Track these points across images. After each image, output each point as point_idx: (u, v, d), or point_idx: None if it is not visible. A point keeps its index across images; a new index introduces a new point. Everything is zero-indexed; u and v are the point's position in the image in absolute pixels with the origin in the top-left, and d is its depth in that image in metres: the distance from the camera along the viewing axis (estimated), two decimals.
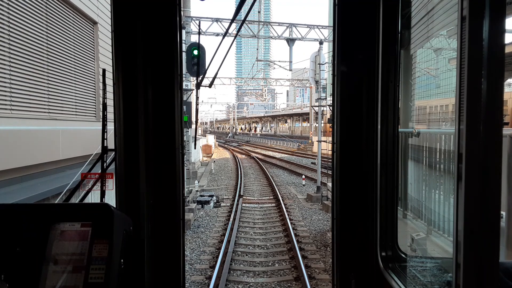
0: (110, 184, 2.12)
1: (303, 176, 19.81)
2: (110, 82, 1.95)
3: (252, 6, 2.53)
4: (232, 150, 43.49)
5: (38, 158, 6.83)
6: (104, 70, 2.33)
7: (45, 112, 7.25)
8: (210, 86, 3.76)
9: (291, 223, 10.99)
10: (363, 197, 2.01)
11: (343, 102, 2.00)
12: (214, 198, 14.24)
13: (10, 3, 6.03)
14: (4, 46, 5.90)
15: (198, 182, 17.92)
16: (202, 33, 18.44)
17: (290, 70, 23.61)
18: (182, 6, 2.22)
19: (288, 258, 8.42)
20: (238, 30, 3.71)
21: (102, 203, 1.60)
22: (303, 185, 18.22)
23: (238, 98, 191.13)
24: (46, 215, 1.52)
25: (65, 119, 8.02)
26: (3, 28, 5.87)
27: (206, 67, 3.27)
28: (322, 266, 7.90)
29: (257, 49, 24.90)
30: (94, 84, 9.55)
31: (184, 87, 2.42)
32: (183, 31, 13.28)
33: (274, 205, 14.00)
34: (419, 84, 2.35)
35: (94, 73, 9.50)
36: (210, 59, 2.84)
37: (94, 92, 9.57)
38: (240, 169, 24.12)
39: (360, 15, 1.97)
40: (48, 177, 7.13)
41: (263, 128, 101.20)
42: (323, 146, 16.35)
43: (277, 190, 16.39)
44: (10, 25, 6.03)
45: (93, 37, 9.39)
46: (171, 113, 1.97)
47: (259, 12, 19.91)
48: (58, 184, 6.44)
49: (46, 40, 7.17)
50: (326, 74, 16.03)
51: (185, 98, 13.44)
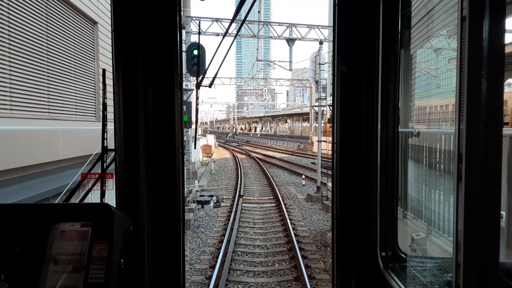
0: (110, 184, 2.12)
1: (303, 176, 19.80)
2: (110, 82, 1.95)
3: (252, 6, 2.53)
4: (232, 150, 43.48)
5: (38, 158, 6.83)
6: (104, 70, 2.34)
7: (45, 112, 7.25)
8: (210, 86, 3.76)
9: (291, 223, 10.99)
10: (363, 197, 2.01)
11: (343, 102, 2.00)
12: (214, 198, 14.24)
13: (10, 3, 6.03)
14: (4, 46, 5.91)
15: (198, 182, 17.93)
16: (202, 33, 18.43)
17: (290, 70, 23.61)
18: (182, 6, 2.22)
19: (288, 258, 8.41)
20: (238, 30, 3.71)
21: (102, 203, 1.60)
22: (303, 185, 18.22)
23: (238, 98, 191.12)
24: (46, 215, 1.52)
25: (65, 119, 8.02)
26: (3, 28, 5.87)
27: (206, 67, 3.27)
28: (322, 266, 7.90)
29: (257, 49, 24.90)
30: (94, 84, 9.55)
31: (184, 87, 2.42)
32: (183, 31, 13.28)
33: (274, 205, 14.00)
34: (419, 84, 2.35)
35: (94, 73, 9.50)
36: (210, 59, 2.84)
37: (94, 92, 9.57)
38: (240, 169, 24.12)
39: (360, 15, 1.97)
40: (48, 177, 7.13)
41: (263, 128, 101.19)
42: (323, 146, 16.35)
43: (277, 190, 16.39)
44: (10, 25, 6.04)
45: (93, 37, 9.39)
46: (171, 113, 1.97)
47: (259, 12, 19.91)
48: (58, 184, 6.43)
49: (46, 40, 7.17)
50: (326, 74, 16.03)
51: (185, 98, 13.44)
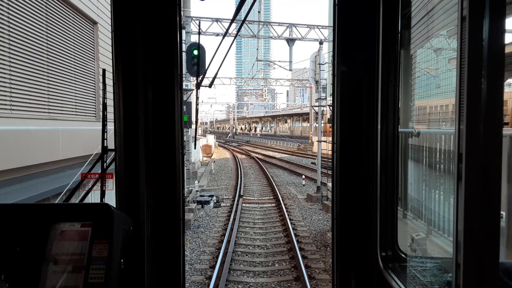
0: (110, 184, 2.12)
1: (303, 176, 19.80)
2: (110, 82, 1.95)
3: (252, 6, 2.53)
4: (232, 150, 43.48)
5: (38, 158, 6.83)
6: (104, 70, 2.34)
7: (45, 112, 7.25)
8: (210, 86, 3.76)
9: (291, 223, 10.99)
10: (363, 197, 2.01)
11: (343, 102, 2.00)
12: (214, 198, 14.24)
13: (10, 3, 6.03)
14: (4, 46, 5.91)
15: (198, 182, 17.93)
16: (202, 33, 18.43)
17: (290, 70, 23.61)
18: (182, 6, 2.22)
19: (288, 258, 8.41)
20: (238, 30, 3.71)
21: (102, 203, 1.60)
22: (303, 185, 18.22)
23: (238, 98, 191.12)
24: (46, 215, 1.52)
25: (65, 119, 8.02)
26: (3, 28, 5.87)
27: (206, 67, 3.27)
28: (322, 266, 7.90)
29: (257, 49, 24.90)
30: (94, 84, 9.55)
31: (184, 87, 2.42)
32: (183, 31, 13.28)
33: (274, 205, 14.00)
34: (419, 84, 2.35)
35: (94, 73, 9.50)
36: (210, 59, 2.84)
37: (94, 92, 9.57)
38: (240, 169, 24.11)
39: (360, 15, 1.97)
40: (48, 177, 7.13)
41: (263, 128, 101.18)
42: (323, 146, 16.35)
43: (277, 190, 16.38)
44: (10, 25, 6.04)
45: (93, 37, 9.39)
46: (171, 113, 1.97)
47: (259, 12, 19.91)
48: (58, 184, 6.44)
49: (46, 40, 7.17)
50: (326, 74, 16.03)
51: (185, 98, 13.44)
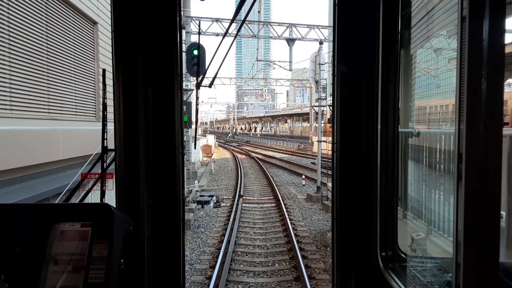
0: (110, 184, 2.12)
1: (303, 176, 19.80)
2: (110, 82, 1.95)
3: (252, 6, 2.53)
4: (232, 150, 43.48)
5: (38, 158, 6.83)
6: (104, 70, 2.34)
7: (45, 112, 7.25)
8: (210, 86, 3.76)
9: (291, 223, 10.99)
10: (363, 197, 2.01)
11: (343, 102, 2.00)
12: (214, 198, 14.24)
13: (10, 3, 6.03)
14: (4, 46, 5.91)
15: (198, 182, 17.93)
16: (202, 33, 18.43)
17: (290, 70, 23.61)
18: (182, 6, 2.22)
19: (288, 258, 8.41)
20: (238, 30, 3.71)
21: (102, 203, 1.60)
22: (303, 185, 18.22)
23: (238, 98, 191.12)
24: (46, 215, 1.52)
25: (65, 119, 8.02)
26: (3, 28, 5.87)
27: (206, 67, 3.27)
28: (322, 266, 7.90)
29: (257, 49, 24.89)
30: (94, 84, 9.55)
31: (184, 87, 2.42)
32: (183, 31, 13.29)
33: (274, 205, 14.00)
34: (419, 84, 2.35)
35: (94, 73, 9.50)
36: (210, 59, 2.84)
37: (94, 92, 9.57)
38: (240, 169, 24.11)
39: (360, 15, 1.97)
40: (48, 177, 7.13)
41: (263, 128, 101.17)
42: (323, 146, 16.35)
43: (277, 190, 16.38)
44: (10, 25, 6.04)
45: (93, 37, 9.39)
46: (171, 113, 1.97)
47: (259, 12, 19.91)
48: (58, 184, 6.44)
49: (46, 40, 7.17)
50: (326, 74, 16.03)
51: (185, 98, 13.44)
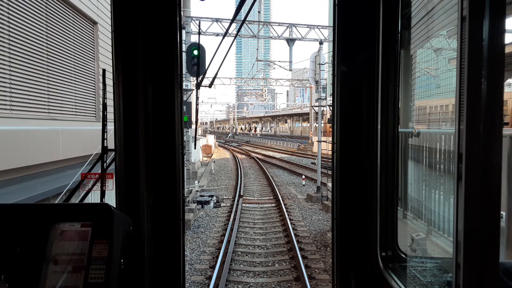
0: (110, 184, 2.12)
1: (303, 176, 19.80)
2: (110, 82, 1.95)
3: (252, 6, 2.53)
4: (232, 150, 43.48)
5: (38, 158, 6.83)
6: (104, 70, 2.34)
7: (45, 112, 7.25)
8: (210, 86, 3.76)
9: (291, 223, 10.99)
10: (363, 197, 2.01)
11: (343, 102, 2.00)
12: (214, 198, 14.24)
13: (10, 3, 6.03)
14: (4, 46, 5.91)
15: (198, 182, 17.92)
16: (202, 33, 18.43)
17: (290, 70, 23.62)
18: (182, 6, 2.22)
19: (288, 258, 8.41)
20: (238, 30, 3.71)
21: (102, 203, 1.60)
22: (303, 185, 18.22)
23: (238, 98, 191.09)
24: (46, 215, 1.52)
25: (65, 119, 8.02)
26: (3, 28, 5.87)
27: (206, 67, 3.27)
28: (322, 266, 7.90)
29: (257, 49, 24.90)
30: (94, 84, 9.55)
31: (184, 87, 2.42)
32: (183, 31, 13.28)
33: (274, 205, 14.00)
34: (419, 84, 2.35)
35: (94, 73, 9.50)
36: (210, 59, 2.84)
37: (94, 92, 9.57)
38: (240, 169, 24.11)
39: (360, 15, 1.97)
40: (48, 177, 7.13)
41: (263, 128, 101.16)
42: (323, 146, 16.35)
43: (277, 190, 16.38)
44: (10, 25, 6.04)
45: (93, 37, 9.39)
46: (171, 113, 1.97)
47: (259, 12, 19.91)
48: (58, 184, 6.44)
49: (46, 40, 7.17)
50: (326, 74, 16.03)
51: (185, 98, 13.44)
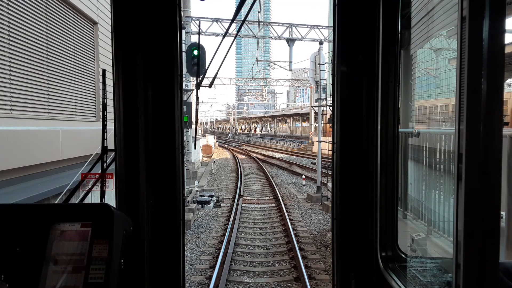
0: (110, 184, 2.12)
1: (303, 176, 19.80)
2: (110, 82, 1.95)
3: (252, 6, 2.53)
4: (232, 150, 43.48)
5: (38, 158, 6.83)
6: (104, 70, 2.34)
7: (45, 112, 7.25)
8: (210, 86, 3.76)
9: (291, 223, 10.99)
10: (363, 197, 2.01)
11: (343, 102, 2.00)
12: (214, 198, 14.24)
13: (10, 3, 6.03)
14: (4, 46, 5.91)
15: (198, 182, 17.92)
16: (202, 33, 18.44)
17: (290, 70, 23.63)
18: (182, 6, 2.22)
19: (288, 258, 8.41)
20: (238, 30, 3.71)
21: (102, 203, 1.60)
22: (303, 185, 18.22)
23: (238, 98, 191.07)
24: (46, 215, 1.52)
25: (65, 119, 8.02)
26: (3, 28, 5.87)
27: (206, 67, 3.27)
28: (322, 266, 7.90)
29: (257, 49, 24.90)
30: (94, 84, 9.55)
31: (184, 87, 2.41)
32: (183, 31, 13.28)
33: (274, 205, 14.00)
34: (419, 84, 2.35)
35: (94, 73, 9.50)
36: (210, 59, 2.83)
37: (94, 92, 9.57)
38: (240, 169, 24.11)
39: (360, 15, 1.97)
40: (48, 177, 7.13)
41: (263, 128, 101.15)
42: (323, 146, 16.36)
43: (277, 190, 16.38)
44: (10, 25, 6.04)
45: (93, 37, 9.39)
46: (171, 113, 1.97)
47: (259, 12, 19.91)
48: (58, 184, 6.44)
49: (46, 40, 7.17)
50: (326, 74, 16.03)
51: (185, 98, 13.45)
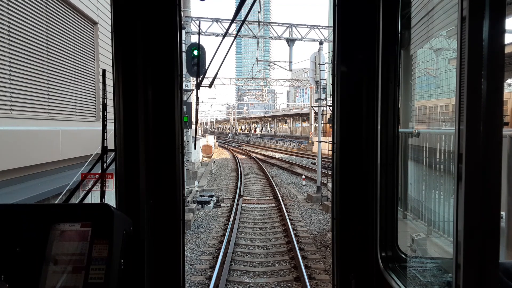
0: (110, 184, 2.12)
1: (303, 176, 19.80)
2: (110, 82, 1.95)
3: (252, 7, 2.53)
4: (232, 150, 43.48)
5: (38, 158, 6.83)
6: (104, 70, 2.34)
7: (45, 112, 7.25)
8: (210, 86, 3.76)
9: (291, 224, 10.99)
10: (363, 197, 2.01)
11: (343, 102, 2.00)
12: (214, 198, 14.24)
13: (10, 3, 6.03)
14: (4, 46, 5.91)
15: (198, 182, 17.92)
16: (202, 33, 18.44)
17: (290, 70, 23.64)
18: (182, 6, 2.22)
19: (288, 258, 8.41)
20: (238, 31, 3.71)
21: (102, 203, 1.60)
22: (303, 185, 18.22)
23: (238, 98, 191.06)
24: (46, 215, 1.52)
25: (65, 119, 8.02)
26: (3, 28, 5.87)
27: (206, 67, 3.27)
28: (322, 266, 7.90)
29: (257, 49, 24.91)
30: (94, 84, 9.55)
31: (184, 87, 2.41)
32: (183, 31, 13.28)
33: (274, 205, 13.99)
34: (419, 84, 2.35)
35: (94, 73, 9.50)
36: (210, 59, 2.83)
37: (94, 92, 9.57)
38: (240, 169, 24.11)
39: (360, 15, 1.97)
40: (48, 177, 7.13)
41: (263, 128, 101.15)
42: (323, 146, 16.36)
43: (277, 190, 16.38)
44: (10, 25, 6.04)
45: (93, 37, 9.39)
46: (171, 113, 1.97)
47: (259, 12, 19.91)
48: (58, 184, 6.44)
49: (46, 40, 7.17)
50: (326, 74, 16.03)
51: (185, 99, 13.45)
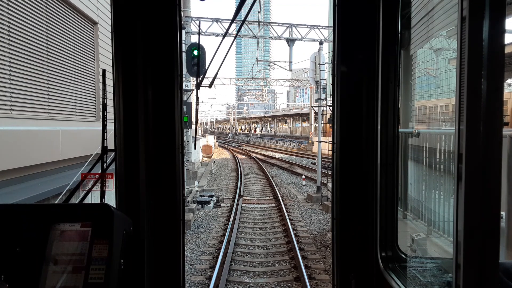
0: (110, 184, 2.12)
1: (303, 176, 19.80)
2: (110, 82, 1.95)
3: (252, 7, 2.53)
4: (232, 150, 43.48)
5: (38, 158, 6.83)
6: (104, 70, 2.34)
7: (45, 112, 7.25)
8: (210, 86, 3.76)
9: (291, 224, 10.99)
10: (363, 197, 2.01)
11: (343, 102, 2.00)
12: (214, 198, 14.24)
13: (10, 3, 6.03)
14: (4, 46, 5.91)
15: (198, 182, 17.92)
16: (202, 33, 18.44)
17: (290, 70, 23.65)
18: (182, 6, 2.22)
19: (288, 258, 8.41)
20: (238, 31, 3.71)
21: (102, 203, 1.60)
22: (303, 185, 18.22)
23: (238, 98, 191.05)
24: (46, 215, 1.52)
25: (65, 119, 8.02)
26: (3, 28, 5.87)
27: (206, 67, 3.27)
28: (322, 266, 7.90)
29: (257, 49, 24.91)
30: (94, 84, 9.55)
31: (184, 88, 2.41)
32: (183, 31, 13.28)
33: (274, 205, 13.99)
34: (419, 84, 2.35)
35: (94, 73, 9.50)
36: (210, 59, 2.83)
37: (94, 92, 9.57)
38: (240, 169, 24.11)
39: (360, 15, 1.97)
40: (48, 177, 7.13)
41: (263, 128, 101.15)
42: (323, 146, 16.36)
43: (277, 190, 16.38)
44: (10, 25, 6.04)
45: (93, 37, 9.39)
46: (171, 113, 1.97)
47: (259, 12, 19.91)
48: (58, 184, 6.44)
49: (46, 40, 7.17)
50: (326, 74, 16.04)
51: (185, 99, 13.45)
